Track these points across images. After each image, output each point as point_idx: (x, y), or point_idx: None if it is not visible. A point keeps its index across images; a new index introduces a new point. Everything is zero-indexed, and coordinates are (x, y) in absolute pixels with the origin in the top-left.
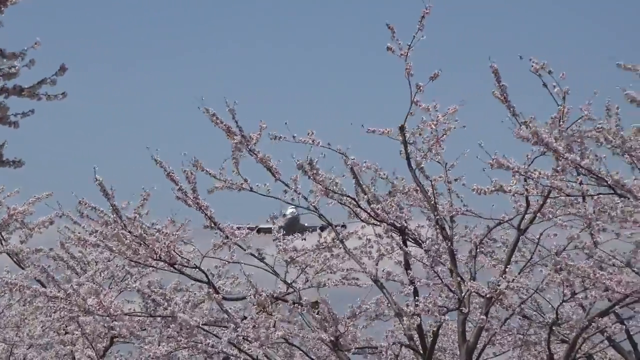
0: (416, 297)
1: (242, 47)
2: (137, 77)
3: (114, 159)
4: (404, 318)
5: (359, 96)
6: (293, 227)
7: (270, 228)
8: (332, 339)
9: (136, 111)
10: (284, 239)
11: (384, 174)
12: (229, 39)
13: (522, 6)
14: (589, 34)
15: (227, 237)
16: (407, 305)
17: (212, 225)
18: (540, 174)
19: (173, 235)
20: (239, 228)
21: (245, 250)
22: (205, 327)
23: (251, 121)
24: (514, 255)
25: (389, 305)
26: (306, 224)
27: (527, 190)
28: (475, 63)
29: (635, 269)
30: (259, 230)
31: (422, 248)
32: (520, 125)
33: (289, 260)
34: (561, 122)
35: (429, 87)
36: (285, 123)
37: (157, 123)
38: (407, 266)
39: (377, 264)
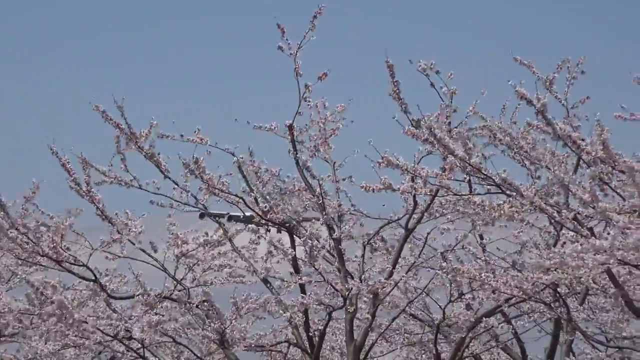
0: (302, 295)
1: (138, 46)
2: (33, 73)
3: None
4: (289, 315)
5: (252, 96)
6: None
7: (243, 216)
8: (218, 336)
9: (37, 106)
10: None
11: (272, 174)
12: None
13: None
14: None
15: (118, 231)
16: (293, 302)
17: (104, 218)
18: (428, 172)
19: (62, 230)
20: None
21: (134, 245)
22: (93, 325)
23: (143, 119)
24: (401, 255)
25: (277, 303)
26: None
27: (415, 189)
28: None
29: (520, 269)
30: (230, 218)
31: (306, 251)
32: (411, 123)
33: (179, 255)
34: (449, 121)
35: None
36: (173, 122)
37: (60, 118)
38: (295, 264)
39: (265, 262)
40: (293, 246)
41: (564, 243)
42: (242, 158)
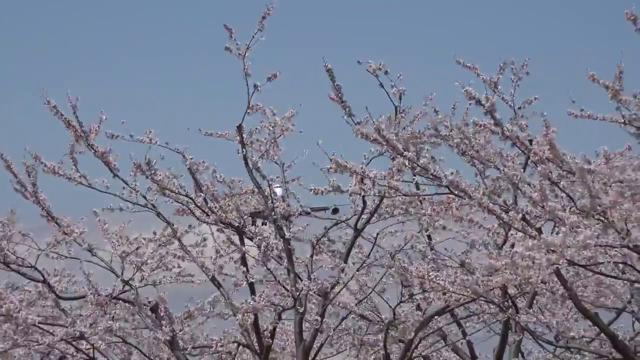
0: (252, 295)
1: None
2: None
3: None
4: (239, 315)
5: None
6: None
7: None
8: (168, 338)
9: None
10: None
11: (221, 175)
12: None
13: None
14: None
15: (64, 232)
16: (242, 303)
17: (49, 219)
18: (377, 174)
19: (9, 231)
20: None
21: (81, 246)
22: (42, 326)
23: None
24: (350, 255)
25: (226, 303)
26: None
27: (363, 190)
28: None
29: (469, 269)
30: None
31: (258, 249)
32: (356, 125)
33: (123, 255)
34: (397, 122)
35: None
36: (123, 122)
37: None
38: (245, 265)
39: (213, 262)
40: (243, 245)
41: (513, 244)
42: (192, 159)
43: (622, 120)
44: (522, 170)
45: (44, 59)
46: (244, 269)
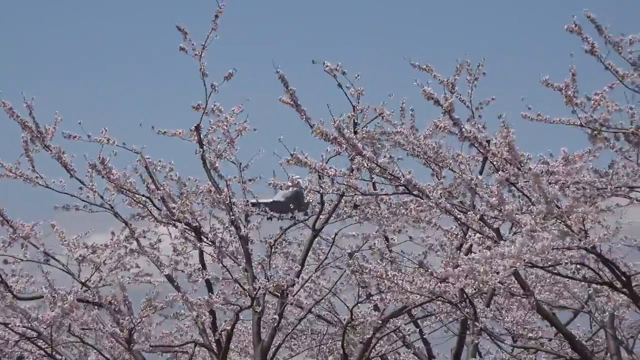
0: (210, 294)
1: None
2: None
3: None
4: (195, 314)
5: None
6: (298, 201)
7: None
8: (126, 334)
9: None
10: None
11: (176, 175)
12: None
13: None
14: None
15: (22, 237)
16: (199, 301)
17: (3, 222)
18: (335, 172)
19: None
20: None
21: (38, 248)
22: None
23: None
24: (308, 256)
25: (183, 303)
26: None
27: (322, 187)
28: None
29: (427, 269)
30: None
31: (214, 247)
32: (312, 127)
33: (80, 258)
34: (356, 122)
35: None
36: (79, 122)
37: None
38: (202, 264)
39: (170, 263)
40: (199, 244)
41: (471, 245)
42: (149, 159)
43: (579, 123)
44: (480, 171)
45: None
46: (201, 267)
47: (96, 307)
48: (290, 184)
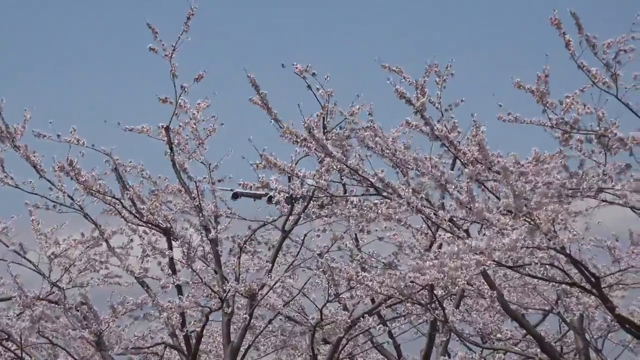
0: (180, 297)
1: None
2: None
3: None
4: (165, 316)
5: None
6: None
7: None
8: (95, 338)
9: None
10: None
11: (147, 174)
12: None
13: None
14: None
15: None
16: (169, 304)
17: None
18: (305, 173)
19: None
20: None
21: (8, 247)
22: None
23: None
24: (278, 256)
25: (153, 304)
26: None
27: (292, 189)
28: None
29: (396, 270)
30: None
31: (183, 252)
32: (282, 129)
33: (52, 257)
34: (326, 122)
35: None
36: (50, 122)
37: None
38: (172, 266)
39: (141, 263)
40: (170, 247)
41: (440, 245)
42: (118, 160)
43: (549, 124)
44: (450, 170)
45: None
46: (170, 270)
47: (64, 310)
48: (259, 185)
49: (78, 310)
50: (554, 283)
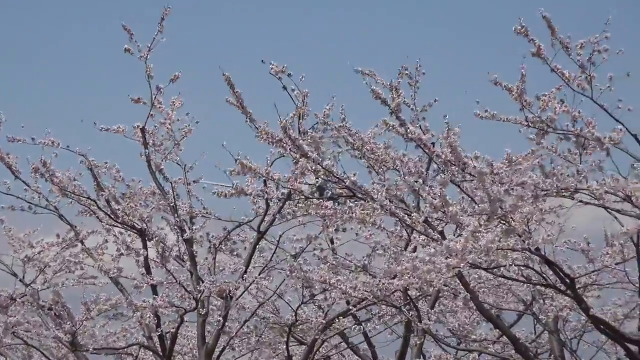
0: (154, 297)
1: None
2: None
3: None
4: (139, 315)
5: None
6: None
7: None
8: (69, 338)
9: None
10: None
11: (120, 177)
12: None
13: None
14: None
15: None
16: (144, 303)
17: None
18: (281, 176)
19: None
20: None
21: None
22: None
23: None
24: (254, 257)
25: (128, 305)
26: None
27: (267, 193)
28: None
29: (371, 272)
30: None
31: (157, 252)
32: (257, 130)
33: (25, 259)
34: (300, 123)
35: None
36: (22, 126)
37: None
38: (147, 266)
39: (116, 263)
40: (145, 247)
41: (415, 247)
42: (93, 160)
43: (526, 123)
44: (425, 172)
45: None
46: (145, 270)
47: (37, 308)
48: (234, 191)
49: (51, 309)
50: (529, 284)
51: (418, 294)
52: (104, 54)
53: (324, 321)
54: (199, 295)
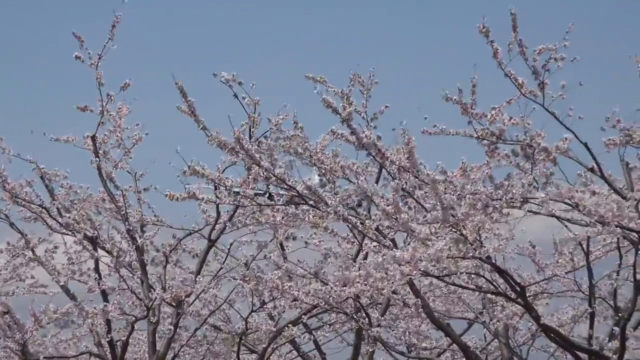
0: (105, 304)
1: None
2: None
3: None
4: (90, 322)
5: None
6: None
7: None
8: (19, 347)
9: None
10: None
11: (67, 184)
12: None
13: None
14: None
15: None
16: (94, 310)
17: None
18: (232, 182)
19: None
20: None
21: None
22: None
23: None
24: (204, 266)
25: (78, 311)
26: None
27: (218, 198)
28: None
29: (323, 280)
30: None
31: (112, 256)
32: (210, 137)
33: None
34: (252, 131)
35: None
36: None
37: None
38: (98, 274)
39: (67, 273)
40: (95, 250)
41: (367, 253)
42: (43, 168)
43: (476, 135)
44: (376, 180)
45: None
46: (97, 276)
47: None
48: (186, 195)
49: (0, 319)
50: (480, 292)
51: (369, 301)
52: (56, 58)
53: (274, 329)
54: (151, 303)
